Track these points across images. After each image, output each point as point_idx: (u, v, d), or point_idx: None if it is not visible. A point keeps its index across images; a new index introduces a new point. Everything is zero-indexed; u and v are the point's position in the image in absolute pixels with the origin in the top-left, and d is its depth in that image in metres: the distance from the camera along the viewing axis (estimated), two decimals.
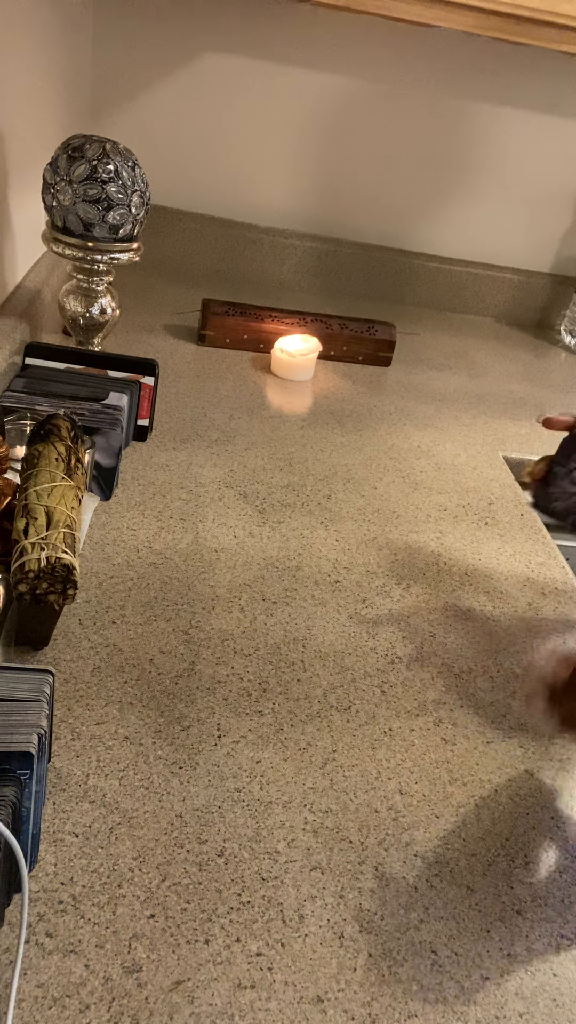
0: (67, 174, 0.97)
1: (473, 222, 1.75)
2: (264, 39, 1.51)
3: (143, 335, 1.36)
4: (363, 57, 1.54)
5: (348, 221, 1.72)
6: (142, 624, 0.76)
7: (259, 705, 0.70)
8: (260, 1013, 0.49)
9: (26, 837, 0.51)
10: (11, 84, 1.01)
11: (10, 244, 1.11)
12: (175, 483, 0.98)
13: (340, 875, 0.57)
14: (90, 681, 0.68)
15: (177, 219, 1.65)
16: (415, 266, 1.75)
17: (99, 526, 0.88)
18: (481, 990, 0.52)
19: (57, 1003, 0.47)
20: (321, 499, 1.01)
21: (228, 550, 0.88)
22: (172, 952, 0.51)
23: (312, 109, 1.59)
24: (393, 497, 1.05)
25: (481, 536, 1.01)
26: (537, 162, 1.68)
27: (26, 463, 0.74)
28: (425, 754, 0.69)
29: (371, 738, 0.69)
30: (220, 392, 1.23)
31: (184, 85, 1.55)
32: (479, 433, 1.27)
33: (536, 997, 0.53)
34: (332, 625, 0.81)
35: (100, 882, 0.54)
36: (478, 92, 1.60)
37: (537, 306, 1.81)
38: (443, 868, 0.59)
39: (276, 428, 1.16)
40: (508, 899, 0.58)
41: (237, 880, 0.56)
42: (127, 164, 0.99)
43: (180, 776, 0.62)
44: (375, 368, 1.44)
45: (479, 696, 0.76)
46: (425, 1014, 0.50)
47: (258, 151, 1.62)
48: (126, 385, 0.98)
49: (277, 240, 1.69)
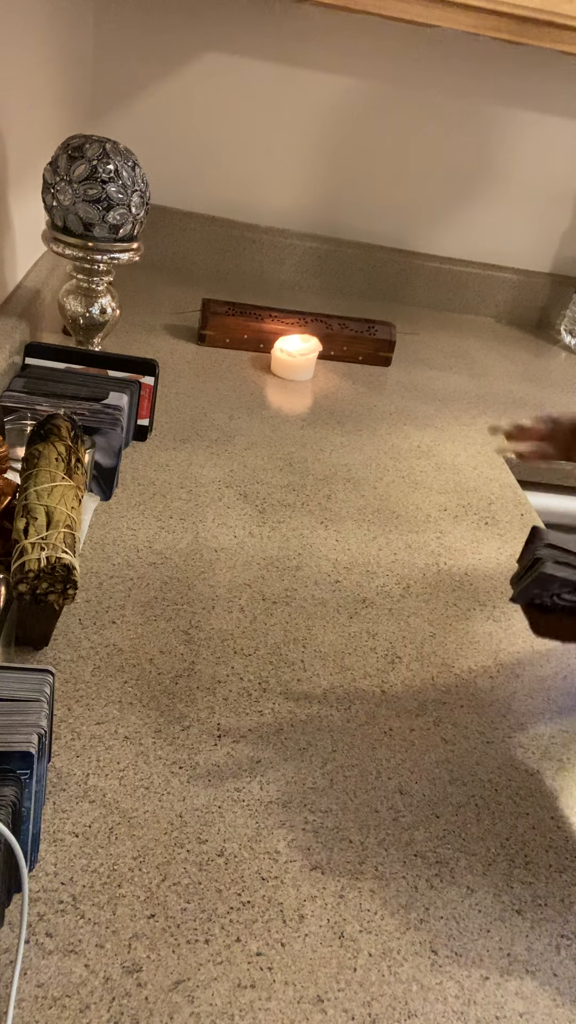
0: (67, 174, 0.97)
1: (473, 222, 1.75)
2: (264, 39, 1.51)
3: (143, 335, 1.36)
4: (363, 57, 1.54)
5: (348, 221, 1.72)
6: (142, 624, 0.76)
7: (259, 705, 0.70)
8: (260, 1013, 0.49)
9: (26, 837, 0.51)
10: (11, 84, 1.01)
11: (10, 244, 1.11)
12: (175, 483, 0.98)
13: (340, 875, 0.57)
14: (90, 681, 0.68)
15: (177, 219, 1.65)
16: (415, 266, 1.75)
17: (99, 526, 0.88)
18: (481, 990, 0.52)
19: (57, 1003, 0.47)
20: (321, 499, 1.01)
21: (228, 550, 0.88)
22: (172, 952, 0.51)
23: (312, 109, 1.59)
24: (393, 497, 1.05)
25: (481, 536, 1.01)
26: (537, 162, 1.68)
27: (26, 463, 0.74)
28: (425, 754, 0.69)
29: (371, 738, 0.69)
30: (220, 392, 1.23)
31: (184, 85, 1.55)
32: (479, 433, 1.27)
33: (536, 997, 0.53)
34: (332, 625, 0.81)
35: (100, 882, 0.54)
36: (479, 92, 1.60)
37: (537, 306, 1.81)
38: (443, 868, 0.59)
39: (276, 428, 1.16)
40: (508, 899, 0.58)
41: (237, 880, 0.56)
42: (127, 164, 0.99)
43: (180, 776, 0.62)
44: (375, 368, 1.44)
45: (479, 696, 0.76)
46: (425, 1014, 0.50)
47: (258, 151, 1.62)
48: (126, 385, 0.98)
49: (277, 240, 1.69)
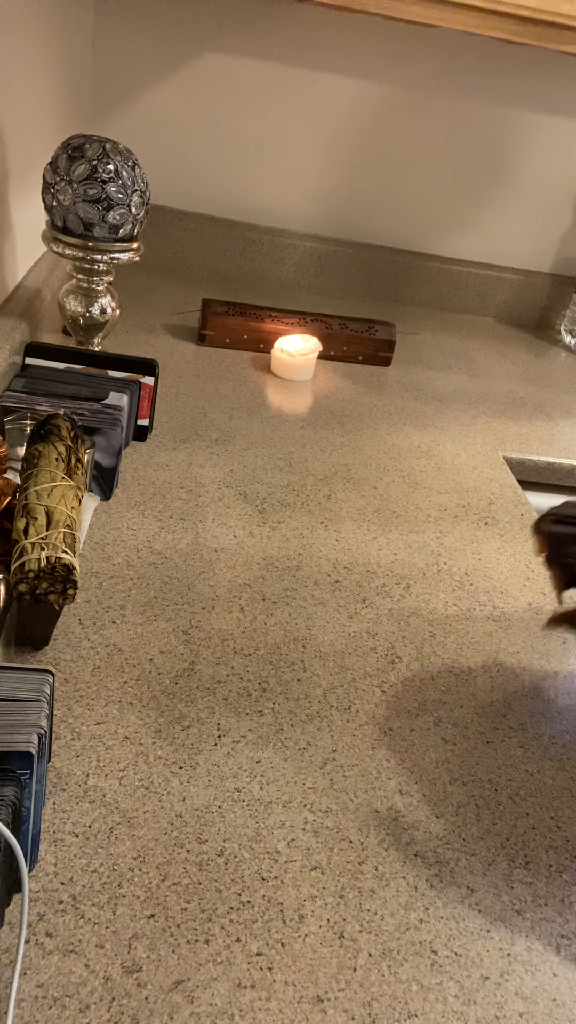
0: (67, 174, 0.97)
1: (473, 222, 1.75)
2: (263, 39, 1.51)
3: (143, 335, 1.36)
4: (363, 57, 1.54)
5: (348, 221, 1.72)
6: (142, 624, 0.76)
7: (259, 705, 0.70)
8: (260, 1013, 0.49)
9: (26, 837, 0.51)
10: (11, 84, 1.01)
11: (10, 244, 1.11)
12: (175, 483, 0.98)
13: (340, 875, 0.57)
14: (90, 681, 0.68)
15: (177, 219, 1.65)
16: (415, 266, 1.75)
17: (99, 526, 0.88)
18: (481, 990, 0.52)
19: (57, 1003, 0.47)
20: (321, 499, 1.01)
21: (228, 550, 0.88)
22: (172, 952, 0.51)
23: (311, 109, 1.59)
24: (393, 497, 1.05)
25: (481, 536, 1.01)
26: (538, 162, 1.68)
27: (26, 463, 0.74)
28: (425, 754, 0.69)
29: (371, 738, 0.69)
30: (220, 392, 1.23)
31: (184, 85, 1.55)
32: (479, 433, 1.27)
33: (536, 997, 0.53)
34: (332, 625, 0.81)
35: (100, 882, 0.54)
36: (479, 93, 1.60)
37: (537, 306, 1.81)
38: (443, 868, 0.59)
39: (276, 428, 1.16)
40: (508, 899, 0.58)
41: (237, 880, 0.56)
42: (127, 164, 0.99)
43: (180, 776, 0.62)
44: (375, 368, 1.44)
45: (479, 696, 0.76)
46: (425, 1014, 0.50)
47: (258, 151, 1.62)
48: (126, 385, 0.98)
49: (277, 240, 1.69)
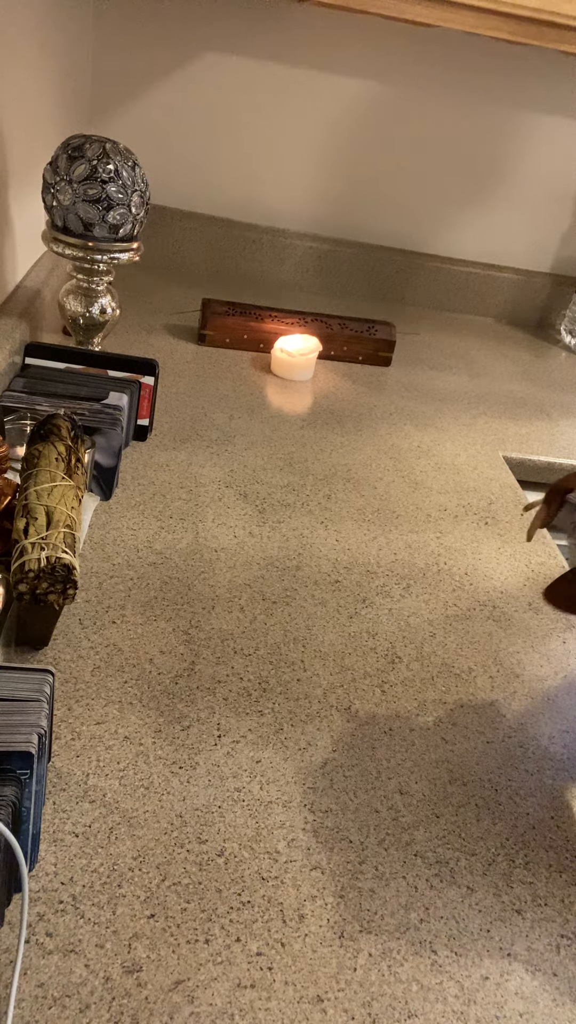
0: (67, 174, 0.97)
1: (473, 222, 1.75)
2: (263, 38, 1.51)
3: (143, 335, 1.36)
4: (363, 57, 1.54)
5: (348, 221, 1.72)
6: (142, 624, 0.76)
7: (259, 705, 0.70)
8: (260, 1013, 0.49)
9: (26, 837, 0.51)
10: (11, 84, 1.01)
11: (10, 244, 1.11)
12: (175, 483, 0.98)
13: (340, 875, 0.57)
14: (90, 681, 0.68)
15: (177, 219, 1.65)
16: (415, 266, 1.75)
17: (99, 526, 0.88)
18: (481, 990, 0.52)
19: (57, 1003, 0.47)
20: (321, 499, 1.01)
21: (228, 550, 0.88)
22: (172, 952, 0.51)
23: (311, 109, 1.59)
24: (393, 497, 1.05)
25: (481, 536, 1.01)
26: (538, 162, 1.68)
27: (26, 463, 0.74)
28: (425, 754, 0.68)
29: (371, 738, 0.69)
30: (220, 392, 1.23)
31: (184, 85, 1.55)
32: (479, 433, 1.27)
33: (536, 997, 0.53)
34: (332, 625, 0.81)
35: (100, 882, 0.54)
36: (479, 92, 1.60)
37: (537, 306, 1.81)
38: (443, 868, 0.59)
39: (276, 428, 1.16)
40: (508, 899, 0.58)
41: (237, 880, 0.56)
42: (127, 164, 0.98)
43: (180, 776, 0.62)
44: (375, 368, 1.44)
45: (479, 696, 0.76)
46: (425, 1014, 0.50)
47: (258, 151, 1.62)
48: (126, 385, 0.98)
49: (277, 240, 1.69)
